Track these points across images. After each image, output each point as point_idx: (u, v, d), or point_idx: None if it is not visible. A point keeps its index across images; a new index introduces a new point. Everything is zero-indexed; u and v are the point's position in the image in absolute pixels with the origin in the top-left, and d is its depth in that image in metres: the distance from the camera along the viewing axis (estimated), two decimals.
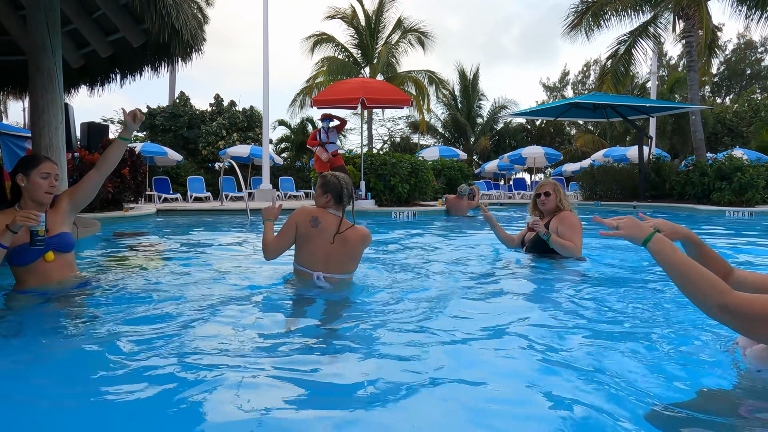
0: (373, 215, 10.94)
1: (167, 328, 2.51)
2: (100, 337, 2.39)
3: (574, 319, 2.74)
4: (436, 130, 36.50)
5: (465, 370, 2.01)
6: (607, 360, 2.09)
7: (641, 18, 17.95)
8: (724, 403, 1.73)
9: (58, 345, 2.35)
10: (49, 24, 5.72)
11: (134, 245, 5.93)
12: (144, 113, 27.01)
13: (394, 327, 2.58)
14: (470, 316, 2.84)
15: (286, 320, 2.81)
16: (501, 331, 2.54)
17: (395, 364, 2.09)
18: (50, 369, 2.08)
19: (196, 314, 2.76)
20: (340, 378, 1.95)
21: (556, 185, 4.57)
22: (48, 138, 5.77)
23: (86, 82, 8.55)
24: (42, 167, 2.98)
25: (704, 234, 7.86)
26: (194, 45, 6.26)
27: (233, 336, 2.42)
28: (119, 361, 2.06)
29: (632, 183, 16.40)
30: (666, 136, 30.71)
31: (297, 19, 71.73)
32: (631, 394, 1.77)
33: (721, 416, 1.63)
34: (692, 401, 1.75)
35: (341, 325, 2.67)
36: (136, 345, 2.25)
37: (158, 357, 2.11)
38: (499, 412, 1.67)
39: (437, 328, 2.54)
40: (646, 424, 1.58)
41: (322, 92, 12.54)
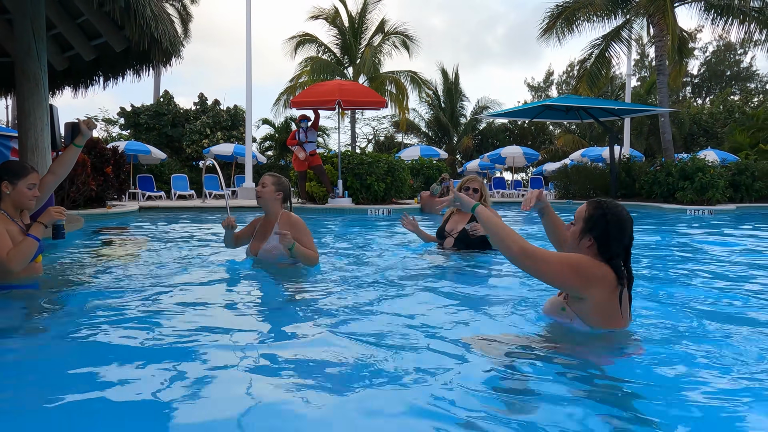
0: (349, 212, 11.37)
1: (134, 311, 2.88)
2: (76, 327, 2.65)
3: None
4: (420, 129, 37.00)
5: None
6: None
7: (613, 23, 18.54)
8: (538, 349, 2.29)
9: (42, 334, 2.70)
10: (35, 30, 6.06)
11: (113, 240, 6.32)
12: (97, 121, 27.08)
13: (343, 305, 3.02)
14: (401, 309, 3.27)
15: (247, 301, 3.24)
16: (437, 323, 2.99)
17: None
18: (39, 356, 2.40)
19: (164, 300, 3.16)
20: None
21: (482, 182, 4.90)
22: (34, 139, 6.12)
23: (70, 83, 8.87)
24: (30, 178, 3.19)
25: (665, 229, 8.40)
26: (173, 52, 6.63)
27: (200, 318, 2.83)
28: (89, 350, 2.34)
29: (604, 182, 16.99)
30: (643, 137, 31.45)
31: (281, 19, 71.87)
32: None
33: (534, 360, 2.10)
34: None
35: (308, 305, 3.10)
36: (106, 332, 2.55)
37: (127, 343, 2.41)
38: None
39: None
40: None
41: (299, 94, 12.95)
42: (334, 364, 2.12)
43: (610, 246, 2.30)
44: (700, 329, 2.64)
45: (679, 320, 2.79)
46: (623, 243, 2.33)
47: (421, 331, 2.54)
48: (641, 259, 5.00)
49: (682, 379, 2.00)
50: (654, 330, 2.57)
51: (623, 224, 2.32)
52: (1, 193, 3.15)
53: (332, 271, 4.10)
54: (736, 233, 8.25)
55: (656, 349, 2.30)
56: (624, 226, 2.32)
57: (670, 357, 2.22)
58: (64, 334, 2.56)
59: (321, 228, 8.48)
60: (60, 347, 2.42)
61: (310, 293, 3.40)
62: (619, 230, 2.31)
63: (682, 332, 2.57)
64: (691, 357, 2.22)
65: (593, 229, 2.33)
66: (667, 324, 2.69)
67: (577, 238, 2.38)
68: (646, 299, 3.22)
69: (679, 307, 3.10)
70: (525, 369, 2.08)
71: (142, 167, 21.96)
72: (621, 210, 2.36)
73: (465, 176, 5.08)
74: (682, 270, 4.57)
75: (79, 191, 8.82)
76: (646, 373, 2.07)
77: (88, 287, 3.52)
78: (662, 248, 6.18)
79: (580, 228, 2.37)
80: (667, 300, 3.31)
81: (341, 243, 6.33)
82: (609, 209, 2.34)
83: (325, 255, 4.93)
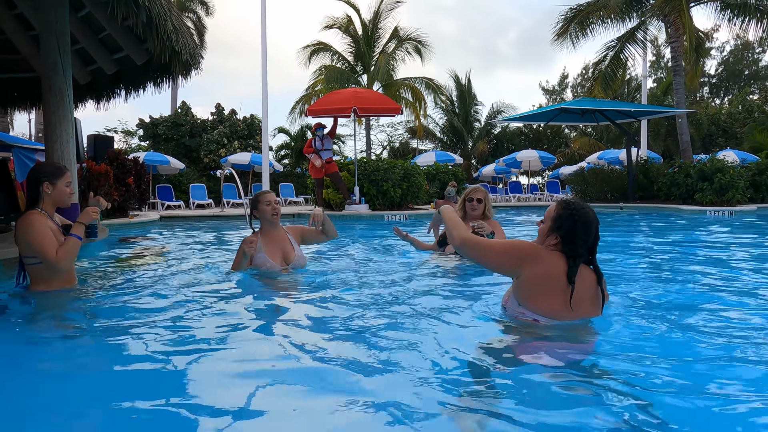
0: (366, 218, 11.44)
1: (157, 320, 2.98)
2: (109, 331, 2.80)
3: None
4: (435, 135, 37.06)
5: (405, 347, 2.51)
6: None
7: (628, 24, 18.46)
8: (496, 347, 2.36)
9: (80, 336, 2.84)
10: (60, 46, 6.25)
11: (136, 248, 6.47)
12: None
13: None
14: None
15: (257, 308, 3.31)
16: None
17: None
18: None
19: (183, 306, 3.25)
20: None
21: (486, 193, 4.97)
22: (60, 151, 6.30)
23: (93, 96, 9.10)
24: (66, 177, 3.41)
25: (685, 232, 8.35)
26: (192, 63, 6.79)
27: (217, 324, 2.91)
28: (120, 354, 2.46)
29: (622, 185, 16.87)
30: (661, 138, 31.16)
31: (296, 28, 72.55)
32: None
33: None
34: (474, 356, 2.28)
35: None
36: (132, 336, 2.67)
37: (149, 346, 2.52)
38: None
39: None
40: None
41: (316, 102, 13.12)
42: (354, 365, 2.18)
43: (574, 244, 2.41)
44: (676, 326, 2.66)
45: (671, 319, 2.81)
46: (587, 243, 2.44)
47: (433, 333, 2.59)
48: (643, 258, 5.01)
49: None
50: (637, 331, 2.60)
51: (589, 225, 2.44)
52: (42, 194, 3.30)
53: (342, 276, 4.18)
54: (754, 235, 8.17)
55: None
56: (589, 227, 2.44)
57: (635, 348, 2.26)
58: (96, 335, 2.70)
59: (340, 234, 8.57)
60: (92, 348, 2.55)
61: (325, 297, 3.47)
62: (585, 231, 2.43)
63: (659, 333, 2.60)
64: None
65: (560, 228, 2.45)
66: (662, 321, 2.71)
67: (544, 235, 2.53)
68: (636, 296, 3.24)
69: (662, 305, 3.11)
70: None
71: (161, 177, 22.32)
72: (588, 211, 2.48)
73: (471, 187, 5.10)
74: (696, 270, 4.57)
75: None
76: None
77: (114, 292, 3.64)
78: (677, 249, 6.16)
79: (548, 227, 2.51)
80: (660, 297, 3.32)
81: (355, 248, 6.41)
82: (576, 210, 2.46)
83: (339, 259, 5.01)
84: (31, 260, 3.25)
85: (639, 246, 6.84)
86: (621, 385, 1.92)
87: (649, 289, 3.66)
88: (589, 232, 2.43)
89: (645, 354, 2.25)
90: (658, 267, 4.85)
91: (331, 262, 5.00)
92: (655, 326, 2.66)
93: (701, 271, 4.57)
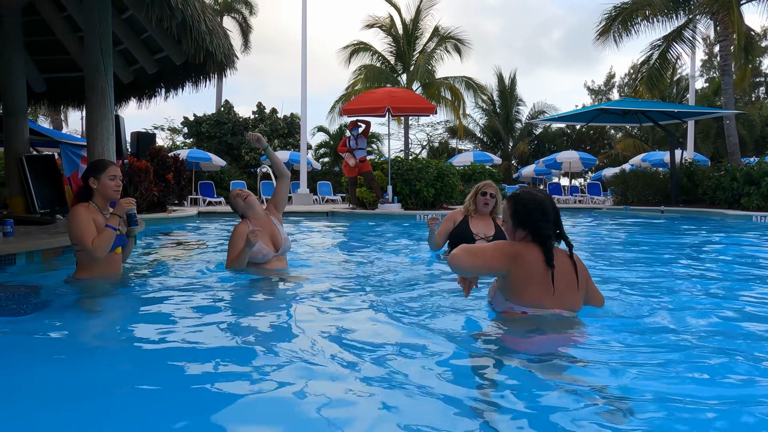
0: (398, 217, 11.50)
1: (184, 304, 3.14)
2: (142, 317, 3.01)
3: None
4: (475, 134, 36.79)
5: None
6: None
7: (675, 23, 17.88)
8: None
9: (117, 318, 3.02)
10: (102, 48, 6.53)
11: (172, 242, 6.71)
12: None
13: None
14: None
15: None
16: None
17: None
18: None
19: (209, 299, 3.40)
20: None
21: (497, 189, 4.90)
22: (101, 148, 6.58)
23: (135, 95, 9.47)
24: (110, 171, 3.57)
25: (725, 238, 8.08)
26: (227, 64, 6.98)
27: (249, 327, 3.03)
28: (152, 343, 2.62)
29: (664, 188, 16.39)
30: (710, 140, 30.05)
31: (338, 27, 73.18)
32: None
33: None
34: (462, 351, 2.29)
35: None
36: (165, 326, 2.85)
37: (170, 340, 2.63)
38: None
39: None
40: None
41: (350, 102, 13.24)
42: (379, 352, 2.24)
43: (539, 228, 2.46)
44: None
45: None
46: (549, 221, 2.48)
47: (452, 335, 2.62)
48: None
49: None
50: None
51: (542, 205, 2.50)
52: (91, 189, 3.55)
53: (362, 272, 4.24)
54: None
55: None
56: (543, 206, 2.49)
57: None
58: (133, 319, 2.92)
59: (370, 232, 8.68)
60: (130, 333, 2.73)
61: (346, 293, 3.54)
62: (541, 211, 2.47)
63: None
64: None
65: (519, 220, 2.51)
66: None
67: (511, 234, 2.59)
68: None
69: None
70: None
71: (203, 174, 22.94)
72: (535, 193, 2.55)
73: (483, 182, 4.97)
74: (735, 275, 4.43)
75: (143, 197, 9.39)
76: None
77: (143, 282, 3.83)
78: (704, 253, 5.97)
79: (510, 224, 2.57)
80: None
81: (386, 246, 6.47)
82: (523, 196, 2.54)
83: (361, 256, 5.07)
84: (76, 247, 3.52)
85: (663, 248, 6.66)
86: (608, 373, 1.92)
87: (661, 292, 3.59)
88: (545, 211, 2.47)
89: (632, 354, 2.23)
90: (669, 267, 4.72)
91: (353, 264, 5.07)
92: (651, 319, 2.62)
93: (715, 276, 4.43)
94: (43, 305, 3.21)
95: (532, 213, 2.47)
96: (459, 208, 5.08)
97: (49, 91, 10.19)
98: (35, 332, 2.61)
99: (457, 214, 4.99)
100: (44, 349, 2.41)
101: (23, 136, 9.02)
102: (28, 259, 4.69)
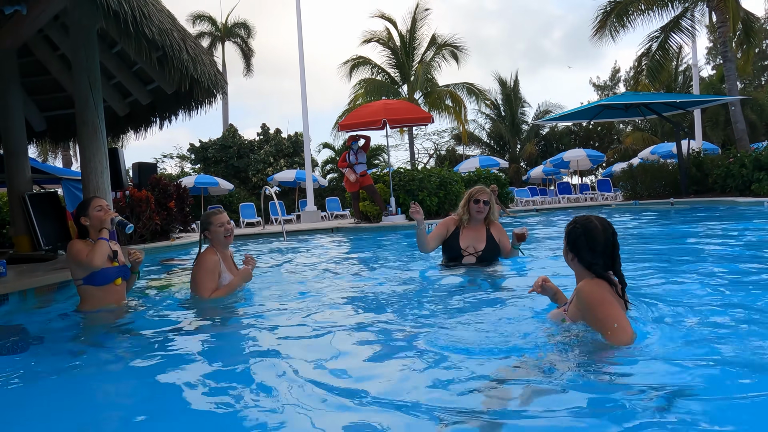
0: (402, 229, 11.45)
1: (187, 330, 3.13)
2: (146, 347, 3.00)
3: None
4: (481, 140, 36.66)
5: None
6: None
7: (671, 13, 17.73)
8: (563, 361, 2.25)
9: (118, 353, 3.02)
10: (91, 82, 6.61)
11: (174, 270, 6.74)
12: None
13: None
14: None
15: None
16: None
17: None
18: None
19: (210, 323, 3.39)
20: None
21: (491, 194, 4.70)
22: (95, 181, 6.65)
23: (132, 127, 9.59)
24: (93, 203, 3.72)
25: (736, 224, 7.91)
26: (215, 89, 7.03)
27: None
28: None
29: (674, 179, 16.15)
30: (720, 128, 29.61)
31: (338, 44, 73.76)
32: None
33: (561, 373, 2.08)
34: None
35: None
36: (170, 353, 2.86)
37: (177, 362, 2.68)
38: None
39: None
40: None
41: (347, 117, 13.27)
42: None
43: (583, 255, 2.43)
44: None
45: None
46: (597, 251, 2.42)
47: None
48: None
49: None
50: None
51: (592, 233, 2.43)
52: (85, 227, 3.69)
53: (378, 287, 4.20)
54: None
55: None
56: (593, 236, 2.43)
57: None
58: (136, 351, 2.91)
59: (375, 245, 8.65)
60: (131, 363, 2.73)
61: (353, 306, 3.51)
62: (590, 239, 2.42)
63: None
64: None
65: (569, 243, 2.50)
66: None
67: (566, 256, 2.57)
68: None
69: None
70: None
71: (212, 199, 23.12)
72: (592, 221, 2.46)
73: (475, 187, 4.75)
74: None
75: (145, 226, 9.45)
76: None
77: (146, 310, 3.87)
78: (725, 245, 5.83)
79: (564, 246, 2.56)
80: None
81: (385, 260, 6.43)
82: (578, 222, 2.49)
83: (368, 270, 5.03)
84: (78, 282, 3.67)
85: (658, 238, 6.53)
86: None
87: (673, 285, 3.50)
88: (594, 240, 2.41)
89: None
90: (667, 257, 4.61)
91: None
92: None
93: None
94: (36, 340, 3.25)
95: (578, 239, 2.45)
96: (454, 216, 4.86)
97: (50, 128, 10.37)
98: (28, 367, 2.63)
99: (451, 223, 4.79)
100: (37, 383, 2.43)
101: (25, 175, 9.14)
102: (21, 297, 4.72)
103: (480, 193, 4.64)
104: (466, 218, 4.66)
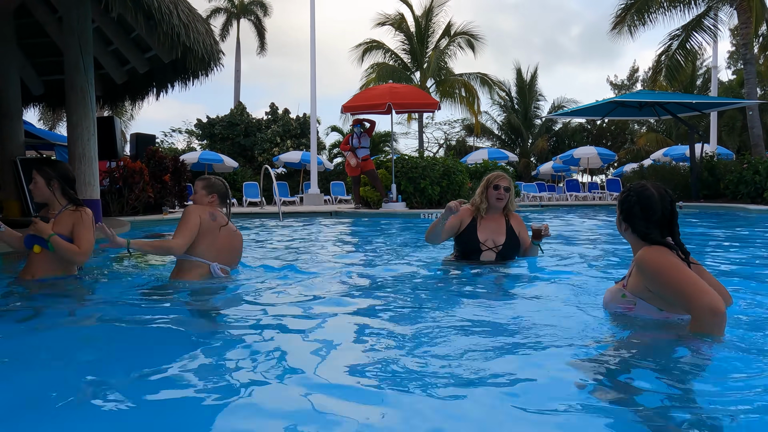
0: (401, 216, 11.21)
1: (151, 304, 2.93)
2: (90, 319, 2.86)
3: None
4: (492, 132, 36.20)
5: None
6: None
7: (694, 11, 17.23)
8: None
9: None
10: (81, 45, 6.40)
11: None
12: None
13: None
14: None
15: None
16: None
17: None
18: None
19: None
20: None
21: (511, 181, 4.20)
22: (81, 148, 6.46)
23: (130, 96, 9.39)
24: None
25: (737, 234, 7.61)
26: (211, 60, 6.79)
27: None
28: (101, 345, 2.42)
29: (685, 183, 15.77)
30: (736, 133, 29.02)
31: (351, 26, 73.11)
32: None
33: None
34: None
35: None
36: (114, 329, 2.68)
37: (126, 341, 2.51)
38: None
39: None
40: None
41: (351, 99, 12.97)
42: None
43: (638, 226, 2.32)
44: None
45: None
46: (652, 219, 2.30)
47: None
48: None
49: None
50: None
51: (648, 201, 2.30)
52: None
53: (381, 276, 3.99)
54: None
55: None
56: (649, 204, 2.30)
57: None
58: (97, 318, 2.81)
59: (373, 231, 8.42)
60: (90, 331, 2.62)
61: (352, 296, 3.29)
62: (645, 208, 2.30)
63: None
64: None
65: (623, 213, 2.38)
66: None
67: (619, 227, 2.46)
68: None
69: None
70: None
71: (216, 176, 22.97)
72: (648, 188, 2.34)
73: (494, 173, 4.19)
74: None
75: (138, 198, 9.27)
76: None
77: (111, 282, 3.75)
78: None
79: (617, 216, 2.44)
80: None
81: (384, 245, 6.20)
82: (633, 190, 2.37)
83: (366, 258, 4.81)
84: None
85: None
86: None
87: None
88: (650, 208, 2.29)
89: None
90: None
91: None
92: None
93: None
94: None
95: (634, 207, 2.33)
96: (468, 206, 4.25)
97: (48, 93, 10.18)
98: None
99: (466, 214, 4.19)
100: None
101: (18, 139, 8.99)
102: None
103: (499, 178, 4.12)
104: (484, 207, 4.13)
